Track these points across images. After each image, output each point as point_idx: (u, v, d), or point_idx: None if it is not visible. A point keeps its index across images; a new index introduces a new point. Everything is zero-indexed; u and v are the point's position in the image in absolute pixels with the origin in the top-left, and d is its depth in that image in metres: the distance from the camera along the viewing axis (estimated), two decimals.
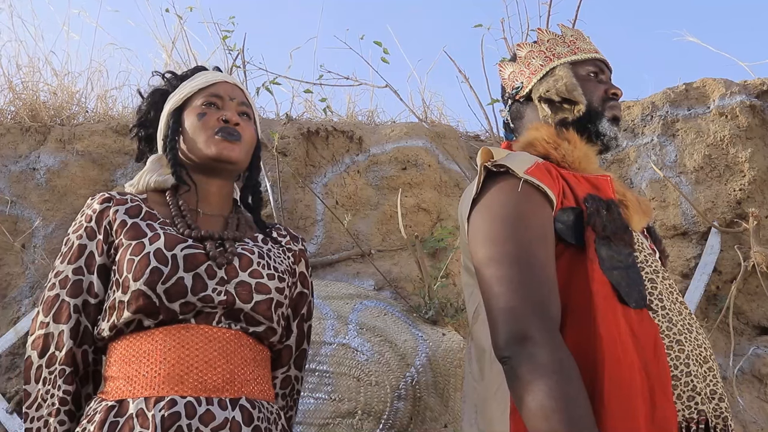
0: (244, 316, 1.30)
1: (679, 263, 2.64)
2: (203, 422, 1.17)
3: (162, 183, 1.42)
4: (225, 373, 1.24)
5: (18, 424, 2.39)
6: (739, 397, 2.42)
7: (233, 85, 1.48)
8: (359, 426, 2.13)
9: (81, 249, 1.33)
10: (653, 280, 1.25)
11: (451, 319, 2.44)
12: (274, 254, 1.42)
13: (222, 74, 1.51)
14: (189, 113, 1.44)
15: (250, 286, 1.31)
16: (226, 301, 1.27)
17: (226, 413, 1.20)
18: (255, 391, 1.28)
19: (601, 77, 1.48)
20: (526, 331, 1.11)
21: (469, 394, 1.34)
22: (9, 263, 2.70)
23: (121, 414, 1.17)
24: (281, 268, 1.40)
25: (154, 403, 1.17)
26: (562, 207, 1.25)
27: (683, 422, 1.17)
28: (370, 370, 2.20)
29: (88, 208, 1.38)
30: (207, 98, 1.44)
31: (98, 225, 1.34)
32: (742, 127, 2.65)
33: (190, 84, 1.47)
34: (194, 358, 1.22)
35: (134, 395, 1.19)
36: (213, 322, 1.27)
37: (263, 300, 1.32)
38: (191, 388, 1.20)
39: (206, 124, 1.40)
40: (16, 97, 3.06)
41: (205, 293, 1.26)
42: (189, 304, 1.25)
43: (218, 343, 1.26)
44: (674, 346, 1.21)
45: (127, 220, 1.32)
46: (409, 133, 2.88)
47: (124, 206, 1.36)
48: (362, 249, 2.66)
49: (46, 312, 1.30)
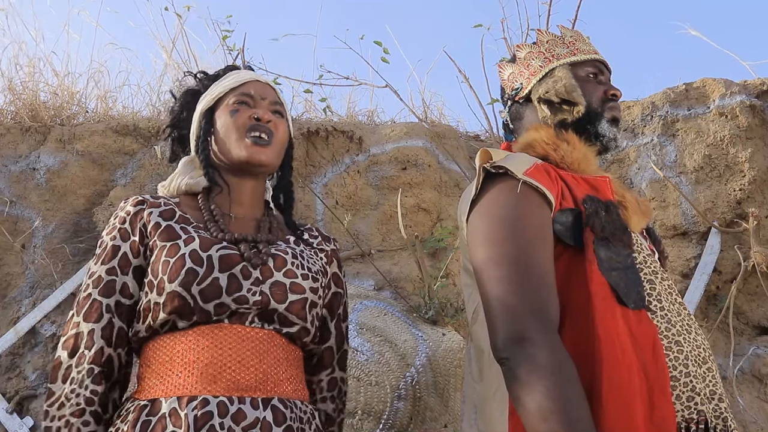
0: (278, 317, 1.30)
1: (679, 263, 2.64)
2: (235, 421, 1.17)
3: (194, 186, 1.42)
4: (258, 373, 1.24)
5: (18, 424, 2.39)
6: (739, 397, 2.42)
7: (265, 84, 1.47)
8: (359, 426, 2.13)
9: (115, 250, 1.32)
10: (652, 281, 1.25)
11: (451, 319, 2.44)
12: (307, 255, 1.42)
13: (254, 73, 1.50)
14: (221, 113, 1.43)
15: (284, 286, 1.31)
16: (260, 301, 1.28)
17: (257, 413, 1.20)
18: (288, 391, 1.28)
19: (601, 78, 1.48)
20: (524, 332, 1.11)
21: (468, 395, 1.35)
22: (9, 263, 2.70)
23: (154, 413, 1.18)
24: (314, 268, 1.40)
25: (187, 403, 1.17)
26: (560, 208, 1.25)
27: (682, 423, 1.17)
28: (370, 370, 2.20)
29: (122, 210, 1.37)
30: (239, 97, 1.43)
31: (132, 226, 1.34)
32: (742, 127, 2.65)
33: (221, 84, 1.46)
34: (227, 357, 1.23)
35: (167, 395, 1.19)
36: (246, 323, 1.27)
37: (297, 300, 1.32)
38: (224, 388, 1.20)
39: (238, 122, 1.40)
40: (16, 97, 3.06)
41: (239, 294, 1.26)
42: (223, 305, 1.25)
43: (251, 343, 1.26)
44: (673, 347, 1.21)
45: (161, 222, 1.32)
46: (409, 133, 2.88)
47: (158, 209, 1.36)
48: (362, 249, 2.67)
49: (78, 312, 1.29)
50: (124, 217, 1.35)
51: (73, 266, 2.66)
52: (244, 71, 1.51)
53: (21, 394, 2.47)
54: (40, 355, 2.54)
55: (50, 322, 2.55)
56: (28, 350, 2.56)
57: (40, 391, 2.49)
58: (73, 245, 2.71)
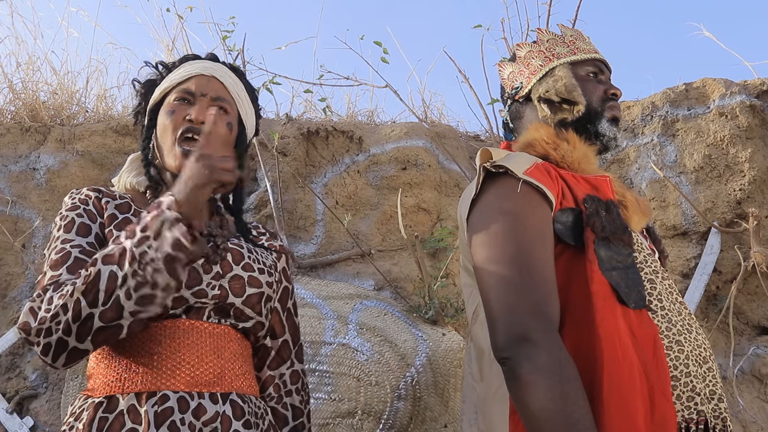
0: (234, 311, 1.30)
1: (679, 263, 2.64)
2: (196, 416, 1.17)
3: (137, 184, 1.40)
4: (216, 368, 1.24)
5: (18, 424, 2.39)
6: (739, 397, 2.42)
7: (209, 78, 1.42)
8: (359, 426, 2.13)
9: (86, 228, 1.27)
10: (652, 280, 1.25)
11: (451, 319, 2.44)
12: (258, 251, 1.42)
13: (202, 65, 1.45)
14: (162, 112, 1.40)
15: (243, 280, 1.31)
16: (219, 295, 1.28)
17: (217, 407, 1.20)
18: (244, 386, 1.29)
19: (601, 77, 1.48)
20: (525, 332, 1.11)
21: (468, 395, 1.34)
22: (9, 263, 2.70)
23: (111, 410, 1.16)
24: (268, 263, 1.41)
25: (146, 399, 1.16)
26: (561, 208, 1.26)
27: (682, 422, 1.17)
28: (370, 370, 2.20)
29: (79, 194, 1.33)
30: (179, 94, 1.40)
31: (97, 210, 1.31)
32: (742, 127, 2.65)
33: (168, 78, 1.43)
34: (185, 353, 1.22)
35: (124, 391, 1.18)
36: (203, 318, 1.27)
37: (255, 294, 1.33)
38: (183, 383, 1.20)
39: (173, 124, 1.36)
40: (16, 97, 3.06)
41: (198, 287, 1.26)
42: (182, 299, 1.24)
43: (209, 338, 1.26)
44: (674, 347, 1.21)
45: (117, 215, 1.30)
46: (409, 133, 2.88)
47: (114, 201, 1.34)
48: (362, 249, 2.66)
49: (57, 267, 1.20)
50: (86, 200, 1.32)
51: None
52: (196, 63, 1.46)
53: (21, 394, 2.47)
54: None
55: None
56: (28, 350, 2.56)
57: (40, 391, 2.49)
58: None
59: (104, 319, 1.10)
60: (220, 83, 1.43)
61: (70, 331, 1.10)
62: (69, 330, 1.10)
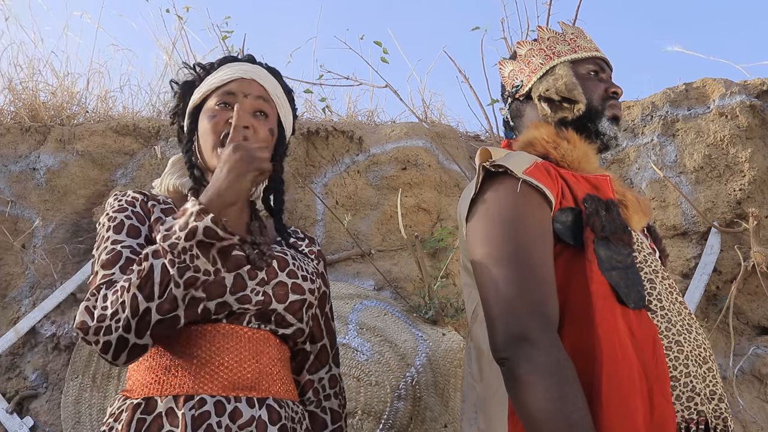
0: (275, 317, 1.30)
1: (679, 263, 2.64)
2: (232, 419, 1.17)
3: (180, 187, 1.41)
4: (254, 373, 1.24)
5: (18, 424, 2.39)
6: (739, 397, 2.42)
7: (250, 81, 1.42)
8: (359, 426, 2.13)
9: (136, 229, 1.28)
10: (652, 280, 1.25)
11: (451, 319, 2.44)
12: (300, 257, 1.42)
13: (242, 68, 1.45)
14: (203, 114, 1.41)
15: (287, 287, 1.32)
16: (263, 301, 1.28)
17: (253, 411, 1.20)
18: (281, 391, 1.28)
19: (602, 76, 1.48)
20: (524, 332, 1.11)
21: (468, 395, 1.34)
22: (9, 263, 2.70)
23: (149, 412, 1.17)
24: (309, 269, 1.41)
25: (184, 402, 1.17)
26: (560, 207, 1.25)
27: (682, 423, 1.17)
28: (370, 370, 2.20)
29: (126, 196, 1.34)
30: (220, 97, 1.40)
31: (145, 213, 1.32)
32: (742, 127, 2.65)
33: (209, 80, 1.44)
34: (224, 357, 1.23)
35: (162, 393, 1.19)
36: (243, 323, 1.27)
37: (297, 300, 1.33)
38: (220, 387, 1.20)
39: (215, 128, 1.37)
40: (16, 97, 3.06)
41: (243, 293, 1.26)
42: (225, 304, 1.24)
43: (248, 343, 1.26)
44: (673, 347, 1.20)
45: (163, 218, 1.31)
46: (409, 133, 2.88)
47: (159, 205, 1.35)
48: (362, 249, 2.66)
49: (109, 267, 1.21)
50: (133, 201, 1.33)
51: (73, 266, 2.66)
52: (235, 65, 1.46)
53: (21, 394, 2.47)
54: (40, 355, 2.54)
55: (50, 322, 2.55)
56: (28, 350, 2.55)
57: (40, 391, 2.49)
58: (73, 245, 2.71)
59: (161, 311, 1.12)
60: (261, 86, 1.44)
61: (130, 328, 1.12)
62: (129, 327, 1.12)
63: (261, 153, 1.21)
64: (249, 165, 1.18)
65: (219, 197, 1.16)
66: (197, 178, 1.40)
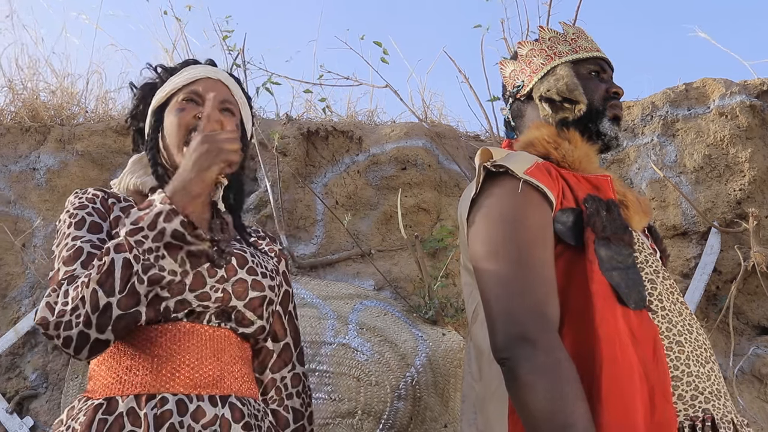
0: (235, 315, 1.30)
1: (679, 263, 2.64)
2: (194, 419, 1.17)
3: (140, 186, 1.40)
4: (215, 371, 1.24)
5: (18, 424, 2.39)
6: (739, 397, 2.42)
7: (216, 81, 1.44)
8: (359, 426, 2.13)
9: (97, 225, 1.28)
10: (653, 280, 1.25)
11: (451, 319, 2.44)
12: (259, 255, 1.43)
13: (207, 69, 1.47)
14: (169, 111, 1.41)
15: (246, 283, 1.32)
16: (222, 299, 1.28)
17: (216, 410, 1.20)
18: (243, 389, 1.29)
19: (603, 76, 1.48)
20: (524, 332, 1.11)
21: (468, 394, 1.34)
22: (9, 263, 2.70)
23: (110, 412, 1.16)
24: (269, 266, 1.41)
25: (146, 401, 1.16)
26: (561, 207, 1.25)
27: (686, 421, 1.17)
28: (370, 370, 2.20)
29: (86, 193, 1.34)
30: (187, 95, 1.41)
31: (105, 210, 1.31)
32: (742, 127, 2.65)
33: (174, 80, 1.45)
34: (185, 355, 1.22)
35: (123, 393, 1.18)
36: (204, 321, 1.27)
37: (257, 297, 1.33)
38: (182, 386, 1.20)
39: (182, 122, 1.37)
40: (16, 97, 3.05)
41: (202, 290, 1.26)
42: (184, 301, 1.24)
43: (209, 341, 1.26)
44: (674, 347, 1.20)
45: (122, 217, 1.29)
46: (409, 133, 2.88)
47: (119, 203, 1.34)
48: (362, 249, 2.66)
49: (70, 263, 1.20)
50: (94, 198, 1.32)
51: None
52: (200, 67, 1.48)
53: (21, 394, 2.47)
54: (40, 355, 2.54)
55: None
56: (28, 350, 2.55)
57: (40, 391, 2.49)
58: None
59: (122, 306, 1.11)
60: (226, 87, 1.45)
61: (90, 323, 1.11)
62: (89, 322, 1.11)
63: (230, 144, 1.21)
64: (216, 156, 1.19)
65: (184, 188, 1.16)
66: (160, 176, 1.39)
